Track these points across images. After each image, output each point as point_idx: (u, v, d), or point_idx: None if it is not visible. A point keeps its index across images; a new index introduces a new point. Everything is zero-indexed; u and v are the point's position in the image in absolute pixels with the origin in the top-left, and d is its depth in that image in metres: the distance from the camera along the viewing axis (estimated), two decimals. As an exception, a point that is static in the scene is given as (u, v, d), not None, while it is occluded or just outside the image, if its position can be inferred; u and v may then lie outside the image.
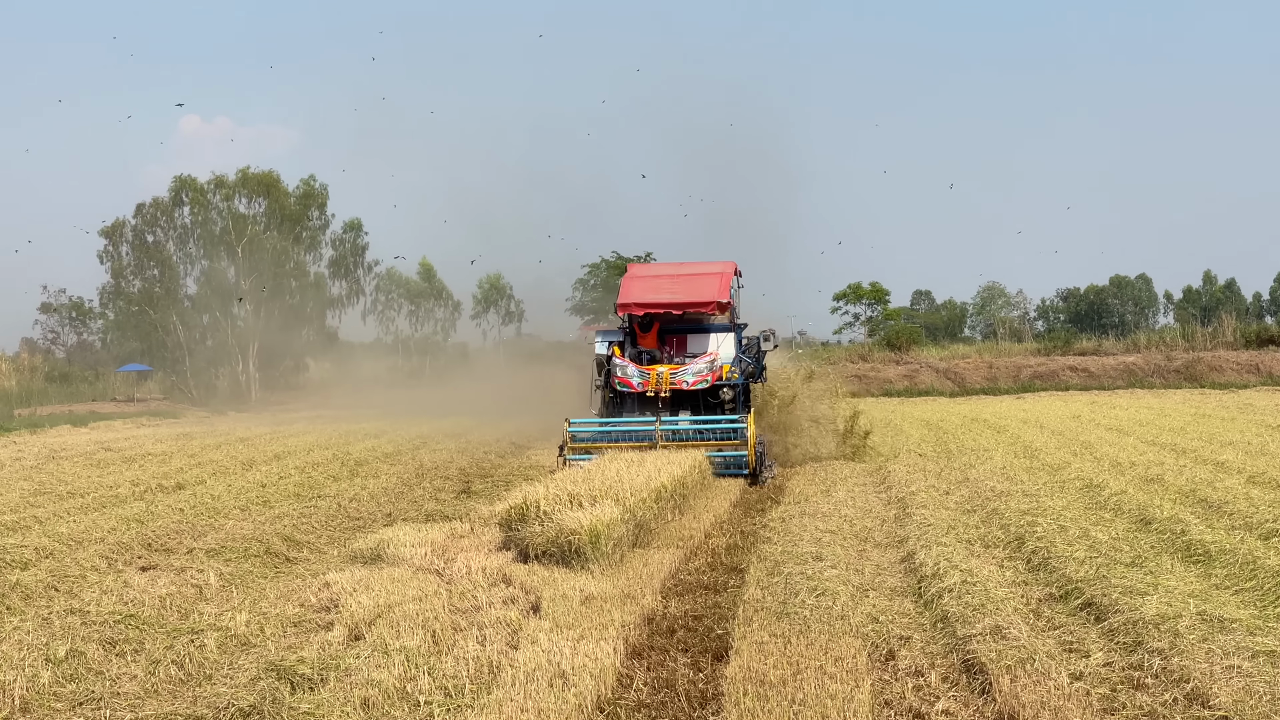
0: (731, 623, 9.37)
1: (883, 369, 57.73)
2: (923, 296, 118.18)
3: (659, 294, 22.74)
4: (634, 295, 22.78)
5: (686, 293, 22.61)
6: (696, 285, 22.81)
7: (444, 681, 7.87)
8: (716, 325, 23.24)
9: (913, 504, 15.13)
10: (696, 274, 23.52)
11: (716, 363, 21.46)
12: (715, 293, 22.38)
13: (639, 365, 21.67)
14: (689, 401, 21.46)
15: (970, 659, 7.96)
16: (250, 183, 66.18)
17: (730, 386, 21.55)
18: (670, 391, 21.05)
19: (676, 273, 24.12)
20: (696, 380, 21.04)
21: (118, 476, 20.55)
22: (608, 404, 21.97)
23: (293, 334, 68.79)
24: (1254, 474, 16.62)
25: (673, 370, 21.20)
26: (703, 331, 23.20)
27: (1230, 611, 8.65)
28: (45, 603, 10.56)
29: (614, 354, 22.02)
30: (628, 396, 21.58)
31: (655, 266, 25.91)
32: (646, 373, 21.23)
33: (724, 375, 21.46)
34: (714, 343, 22.74)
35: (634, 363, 21.79)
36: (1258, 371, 53.25)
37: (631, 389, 21.25)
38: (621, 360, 21.73)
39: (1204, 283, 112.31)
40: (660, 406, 21.03)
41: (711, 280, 22.84)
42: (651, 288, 23.16)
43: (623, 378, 21.33)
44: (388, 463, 23.49)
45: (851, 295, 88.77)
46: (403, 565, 11.98)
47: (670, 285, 23.06)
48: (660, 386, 21.00)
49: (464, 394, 46.56)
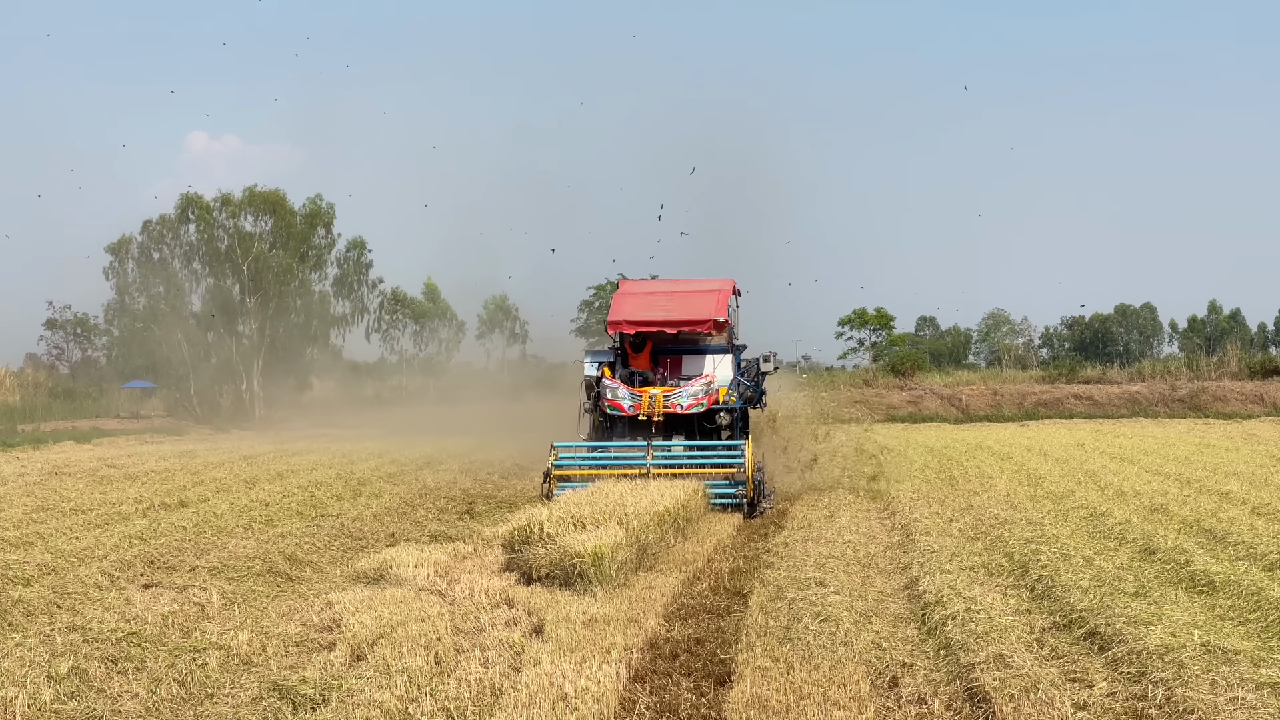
0: (734, 647, 9.36)
1: (887, 394, 57.70)
2: (927, 323, 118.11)
3: (652, 311, 21.51)
4: (625, 313, 21.52)
5: (681, 310, 21.40)
6: (692, 303, 21.62)
7: (446, 703, 7.86)
8: (713, 346, 22.11)
9: (916, 530, 15.10)
10: (692, 291, 22.37)
11: (713, 385, 20.50)
12: (712, 310, 21.16)
13: (630, 387, 20.56)
14: (683, 426, 20.48)
15: (973, 687, 7.94)
16: (257, 201, 66.30)
17: (728, 411, 20.46)
18: (663, 415, 19.93)
19: (671, 289, 22.94)
20: (691, 404, 20.02)
21: (121, 493, 20.54)
22: (597, 428, 20.98)
23: (297, 352, 68.86)
24: (1258, 505, 16.59)
25: (666, 393, 20.17)
26: (699, 353, 22.12)
27: (1234, 643, 8.62)
28: (47, 619, 10.55)
29: (604, 375, 20.97)
30: (618, 420, 20.55)
31: (649, 283, 24.64)
32: (638, 395, 20.14)
33: (721, 399, 20.41)
34: (710, 364, 21.71)
35: (625, 385, 20.67)
36: (1262, 402, 53.18)
37: (622, 412, 20.15)
38: (612, 382, 20.67)
39: (1209, 312, 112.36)
40: (653, 431, 19.97)
41: (708, 298, 21.68)
42: (644, 305, 21.92)
43: (613, 400, 20.29)
44: (391, 483, 23.48)
45: (856, 320, 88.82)
46: (405, 586, 11.97)
47: (664, 302, 21.84)
48: (652, 410, 19.86)
49: (468, 415, 46.58)
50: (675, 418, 20.14)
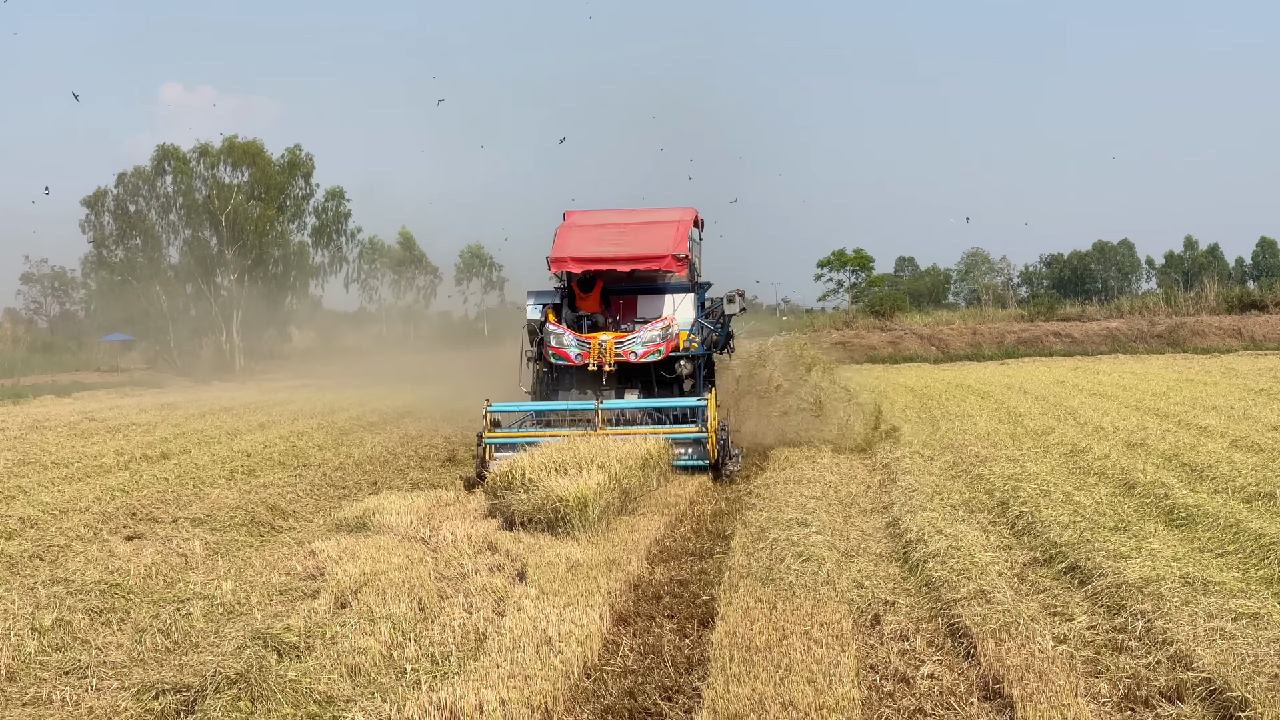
0: (717, 589, 9.39)
1: (867, 336, 57.80)
2: (906, 263, 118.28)
3: (602, 246, 18.81)
4: (571, 248, 18.71)
5: (635, 245, 18.71)
6: (647, 236, 18.98)
7: (430, 649, 7.89)
8: (673, 285, 19.29)
9: (897, 470, 15.15)
10: (648, 222, 19.75)
11: (672, 330, 17.92)
12: (670, 244, 18.45)
13: (577, 333, 17.95)
14: (640, 377, 18.07)
15: (955, 623, 8.00)
16: (235, 152, 65.86)
17: (689, 358, 18.03)
18: (615, 365, 17.44)
19: (624, 221, 20.12)
20: (647, 351, 17.60)
21: (102, 446, 20.49)
22: (541, 380, 18.53)
23: (276, 303, 68.66)
24: (1237, 438, 16.68)
25: (618, 339, 17.63)
26: (656, 292, 19.29)
27: (1213, 574, 8.69)
28: (31, 572, 10.54)
29: (548, 319, 18.34)
30: (565, 372, 18.11)
31: (598, 214, 21.24)
32: (586, 342, 17.57)
33: (681, 345, 17.96)
34: (670, 305, 18.84)
35: (571, 330, 18.08)
36: (1240, 336, 53.44)
37: (569, 361, 17.63)
38: (556, 327, 18.03)
39: (1186, 248, 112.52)
40: (603, 383, 17.53)
41: (666, 229, 19.02)
42: (593, 239, 19.20)
43: (557, 348, 17.75)
44: (372, 431, 23.47)
45: (835, 262, 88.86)
46: (388, 533, 11.99)
47: (616, 236, 19.20)
48: (603, 359, 17.37)
49: (447, 363, 46.46)
50: (629, 367, 17.73)
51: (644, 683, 7.34)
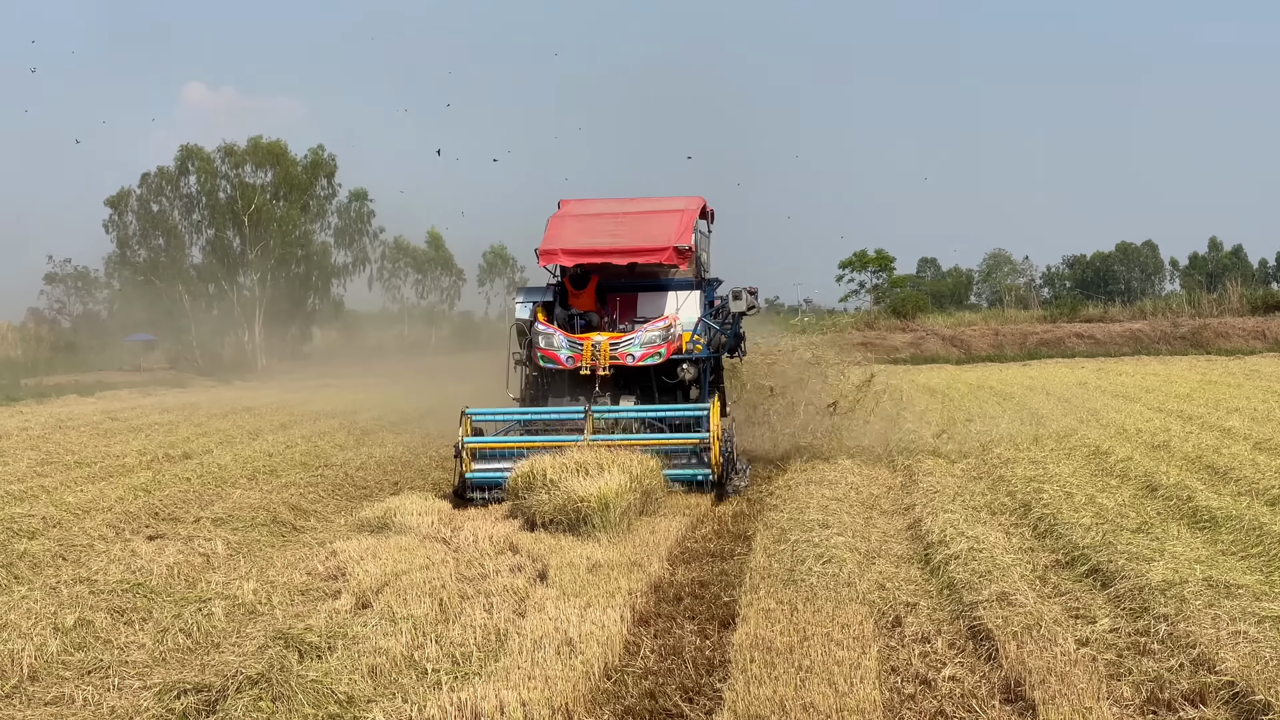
0: (738, 590, 9.39)
1: (889, 336, 57.70)
2: (928, 264, 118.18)
3: (597, 238, 17.23)
4: (563, 240, 17.17)
5: (634, 236, 17.06)
6: (647, 226, 17.33)
7: (451, 649, 7.90)
8: (676, 281, 17.70)
9: (919, 471, 15.12)
10: (649, 212, 18.03)
11: (674, 330, 16.32)
12: (672, 236, 16.77)
13: (569, 334, 16.32)
14: (638, 382, 16.53)
15: (977, 625, 7.98)
16: (259, 152, 66.06)
17: (692, 362, 16.36)
18: (610, 369, 15.85)
19: (622, 210, 18.40)
20: (645, 353, 15.96)
21: (124, 446, 20.55)
22: (531, 384, 17.01)
23: (298, 303, 68.83)
24: (1260, 440, 16.58)
25: (613, 340, 16.00)
26: (658, 289, 17.62)
27: (1236, 577, 8.65)
28: (53, 572, 10.58)
29: (538, 319, 16.68)
30: (557, 376, 16.58)
31: (595, 203, 19.32)
32: (579, 344, 15.98)
33: (684, 347, 16.37)
34: (672, 304, 17.18)
35: (563, 330, 16.43)
36: (1264, 338, 53.16)
37: (559, 365, 16.05)
38: (546, 327, 16.38)
39: (1210, 249, 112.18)
40: (598, 389, 15.84)
41: (668, 220, 17.34)
42: (587, 229, 17.59)
43: (547, 350, 16.14)
44: (394, 431, 23.51)
45: (857, 263, 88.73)
46: (410, 534, 11.99)
47: (613, 226, 17.60)
48: (596, 362, 15.76)
49: (471, 362, 46.48)
50: (626, 371, 16.19)
51: (665, 684, 7.34)
